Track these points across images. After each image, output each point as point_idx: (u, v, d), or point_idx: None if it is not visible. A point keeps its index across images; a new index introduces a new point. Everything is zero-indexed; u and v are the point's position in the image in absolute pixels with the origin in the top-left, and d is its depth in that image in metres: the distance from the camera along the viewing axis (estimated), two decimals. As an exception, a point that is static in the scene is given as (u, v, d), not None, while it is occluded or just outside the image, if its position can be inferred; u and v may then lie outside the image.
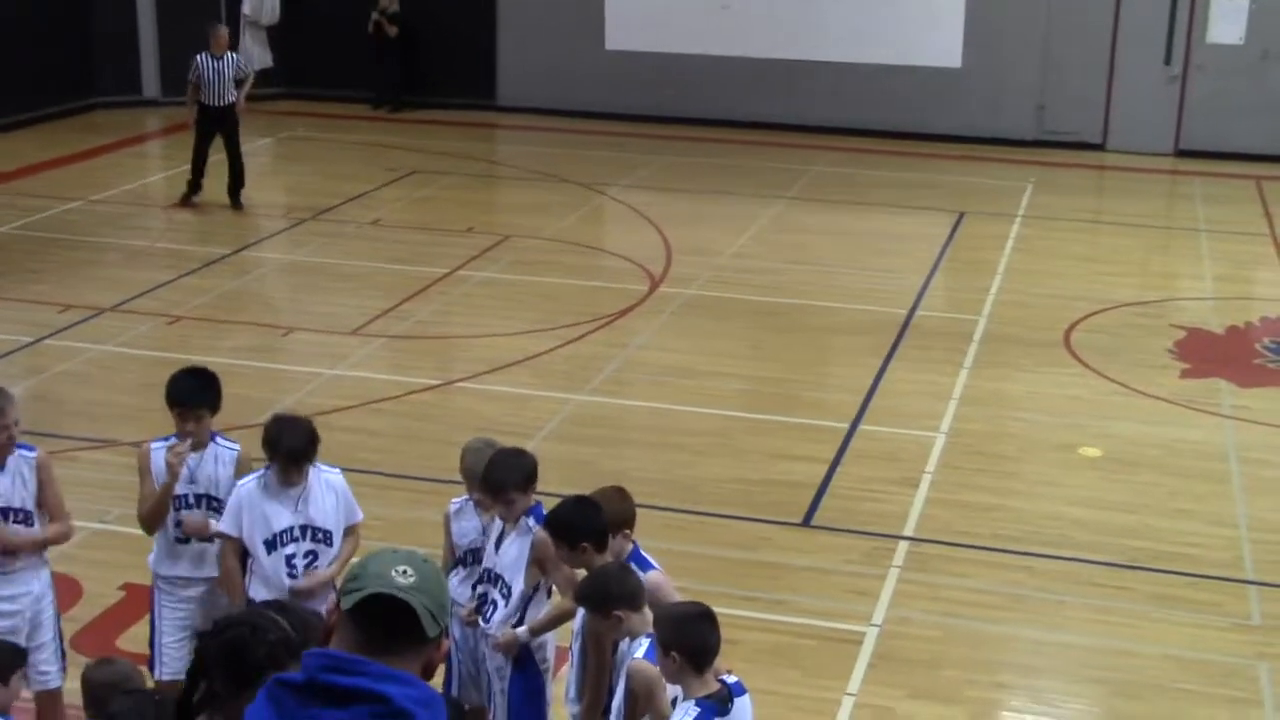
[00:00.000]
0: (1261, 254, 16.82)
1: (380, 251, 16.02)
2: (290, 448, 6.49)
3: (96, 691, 5.34)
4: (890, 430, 11.39)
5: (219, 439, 6.94)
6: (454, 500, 6.88)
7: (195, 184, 17.55)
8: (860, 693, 7.88)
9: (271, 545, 6.46)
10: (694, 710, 5.13)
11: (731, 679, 5.33)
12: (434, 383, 12.03)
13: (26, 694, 6.75)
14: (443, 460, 8.93)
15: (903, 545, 9.53)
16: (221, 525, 6.58)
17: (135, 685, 5.34)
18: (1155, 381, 12.54)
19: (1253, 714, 7.85)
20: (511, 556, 6.32)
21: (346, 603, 3.31)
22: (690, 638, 5.22)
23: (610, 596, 5.57)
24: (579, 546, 5.88)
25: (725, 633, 8.01)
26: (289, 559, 6.50)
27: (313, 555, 6.54)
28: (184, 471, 6.69)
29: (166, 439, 6.80)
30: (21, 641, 6.36)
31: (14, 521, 6.54)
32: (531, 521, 6.31)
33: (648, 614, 5.53)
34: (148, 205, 18.19)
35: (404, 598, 3.28)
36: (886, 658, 8.23)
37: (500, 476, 6.30)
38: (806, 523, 9.84)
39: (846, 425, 11.42)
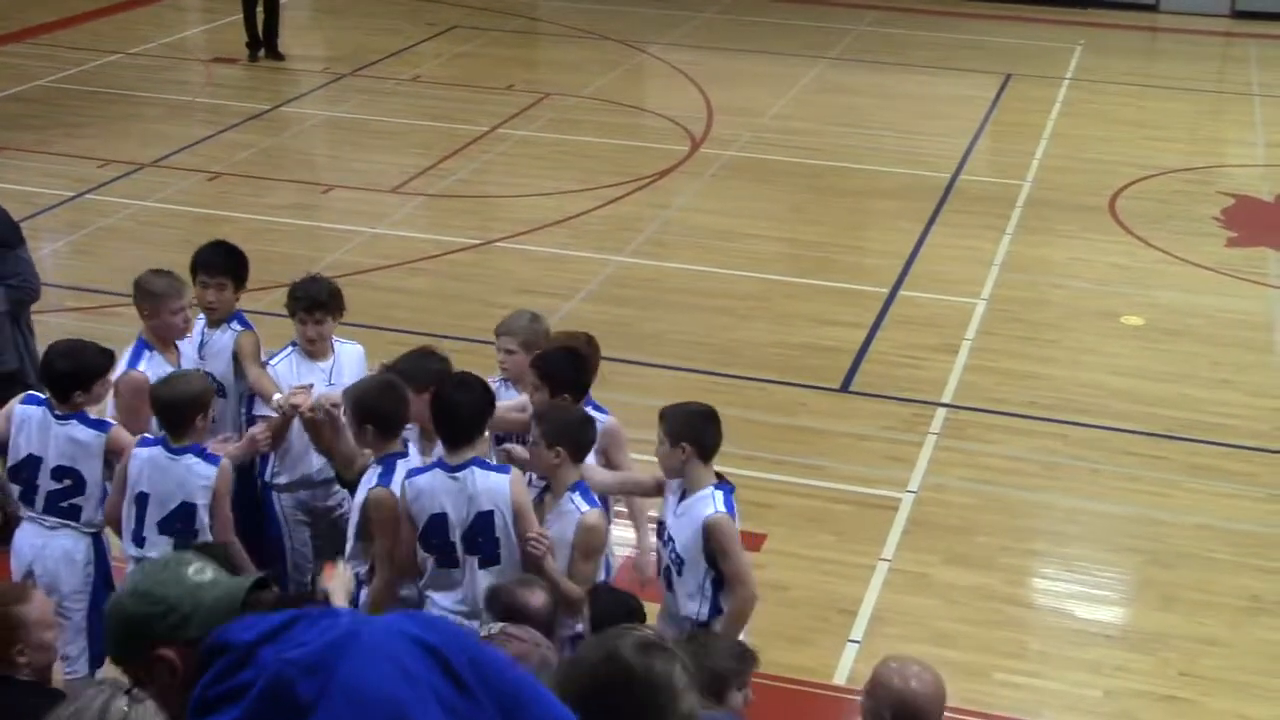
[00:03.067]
0: (1314, 120, 16.51)
1: (419, 108, 15.92)
2: (311, 296, 6.52)
3: None
4: (930, 296, 11.33)
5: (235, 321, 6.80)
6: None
7: (253, 42, 17.45)
8: (895, 558, 7.94)
9: None
10: (718, 492, 5.59)
11: None
12: (473, 242, 12.01)
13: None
14: (481, 320, 8.94)
15: (940, 412, 9.53)
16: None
17: None
18: (1201, 250, 12.40)
19: (1285, 584, 7.89)
20: None
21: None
22: (700, 432, 5.64)
23: (567, 430, 5.68)
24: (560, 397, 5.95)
25: (761, 497, 8.15)
26: None
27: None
28: (192, 350, 6.68)
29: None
30: None
31: None
32: None
33: (578, 471, 5.71)
34: (187, 59, 18.09)
35: None
36: (921, 524, 8.28)
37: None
38: (844, 388, 9.84)
39: (886, 290, 11.37)
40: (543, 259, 11.82)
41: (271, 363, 6.60)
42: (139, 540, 5.98)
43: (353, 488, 5.88)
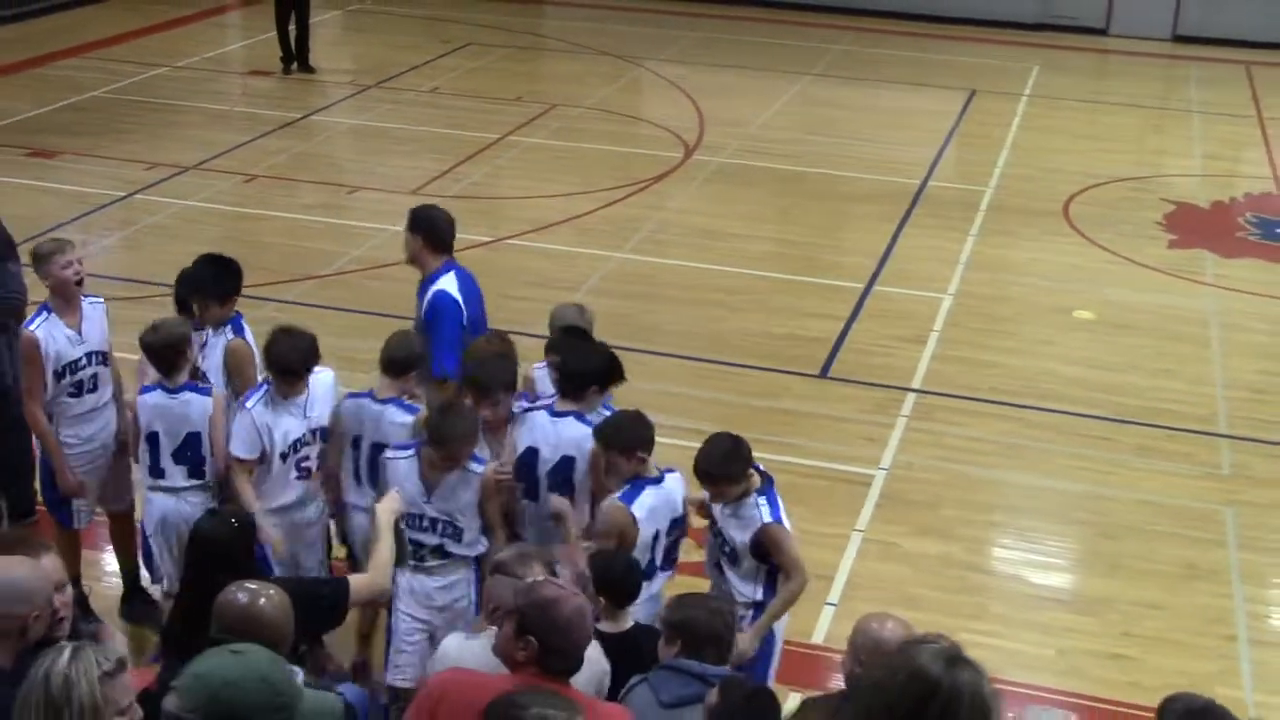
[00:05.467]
0: (1248, 135, 16.49)
1: (437, 117, 15.86)
2: (287, 362, 5.97)
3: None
4: (902, 291, 11.32)
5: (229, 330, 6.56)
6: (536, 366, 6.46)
7: (287, 56, 17.40)
8: (868, 529, 7.95)
9: (285, 456, 6.04)
10: (762, 499, 5.49)
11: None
12: (485, 239, 11.97)
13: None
14: (495, 311, 8.89)
15: (910, 397, 9.53)
16: (237, 450, 5.99)
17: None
18: (1145, 251, 12.40)
19: (1218, 553, 7.89)
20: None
21: None
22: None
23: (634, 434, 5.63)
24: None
25: (748, 473, 8.10)
26: (299, 463, 6.09)
27: (322, 454, 6.19)
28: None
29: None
30: None
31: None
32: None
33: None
34: (226, 71, 18.03)
35: None
36: (892, 498, 8.28)
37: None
38: (823, 374, 9.84)
39: (862, 286, 11.36)
40: (549, 255, 11.80)
41: (248, 405, 6.04)
42: (157, 472, 6.17)
43: None
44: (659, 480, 5.58)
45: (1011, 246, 12.47)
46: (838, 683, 5.70)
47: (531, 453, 5.75)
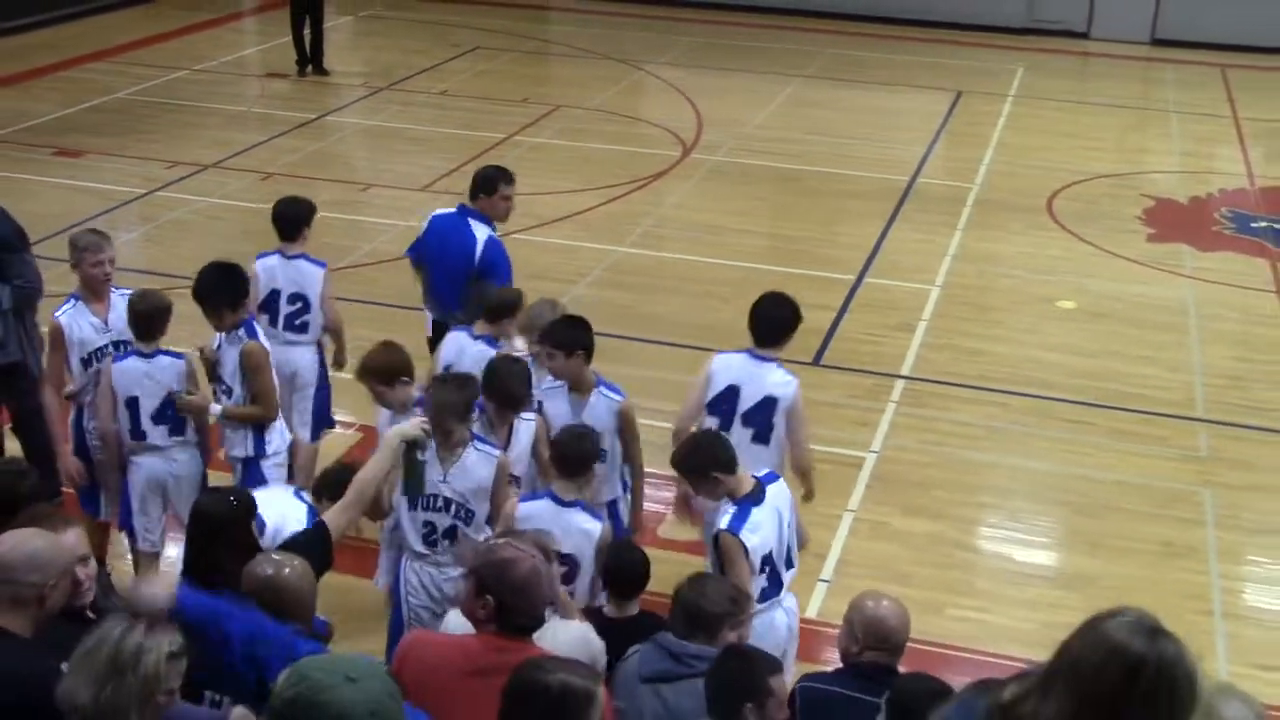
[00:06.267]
0: (1223, 134, 16.47)
1: (446, 118, 15.85)
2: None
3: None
4: (892, 283, 11.32)
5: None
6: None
7: (302, 59, 17.40)
8: (859, 509, 7.96)
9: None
10: (731, 507, 5.29)
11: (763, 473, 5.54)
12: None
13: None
14: (501, 302, 8.91)
15: (900, 383, 9.54)
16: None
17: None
18: (1126, 244, 12.39)
19: (1195, 532, 7.90)
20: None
21: None
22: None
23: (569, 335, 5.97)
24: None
25: (744, 455, 8.10)
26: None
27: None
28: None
29: None
30: None
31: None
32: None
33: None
34: (244, 74, 18.01)
35: None
36: (883, 480, 8.29)
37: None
38: (817, 362, 9.83)
39: (854, 277, 11.36)
40: (553, 249, 11.79)
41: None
42: (139, 435, 6.31)
43: None
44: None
45: (997, 240, 12.46)
46: (832, 657, 5.71)
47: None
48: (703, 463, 5.35)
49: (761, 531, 5.22)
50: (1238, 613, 7.21)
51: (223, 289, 6.38)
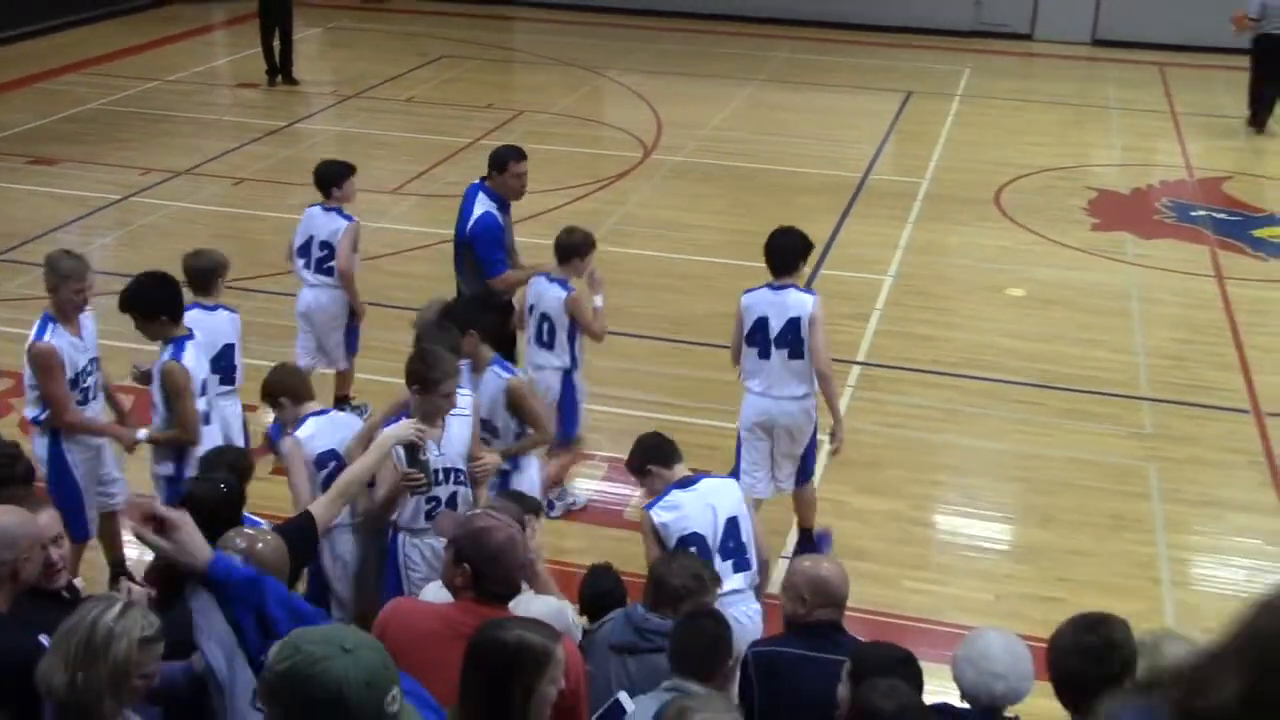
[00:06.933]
0: (1162, 129, 16.58)
1: (414, 124, 15.77)
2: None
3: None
4: (846, 273, 11.33)
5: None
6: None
7: (271, 69, 17.28)
8: (819, 488, 7.90)
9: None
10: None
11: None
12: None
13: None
14: (469, 297, 8.87)
15: (856, 368, 9.54)
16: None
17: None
18: (1070, 234, 12.45)
19: (1142, 505, 7.93)
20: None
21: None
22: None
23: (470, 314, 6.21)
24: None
25: (708, 440, 8.11)
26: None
27: None
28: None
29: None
30: None
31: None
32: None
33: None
34: (215, 84, 17.86)
35: None
36: (841, 460, 8.20)
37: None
38: (775, 350, 9.80)
39: (810, 270, 11.32)
40: (522, 248, 11.68)
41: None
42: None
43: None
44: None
45: (947, 232, 12.49)
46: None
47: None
48: (641, 460, 5.49)
49: (680, 512, 5.26)
50: (1184, 581, 7.24)
51: (154, 299, 6.05)
